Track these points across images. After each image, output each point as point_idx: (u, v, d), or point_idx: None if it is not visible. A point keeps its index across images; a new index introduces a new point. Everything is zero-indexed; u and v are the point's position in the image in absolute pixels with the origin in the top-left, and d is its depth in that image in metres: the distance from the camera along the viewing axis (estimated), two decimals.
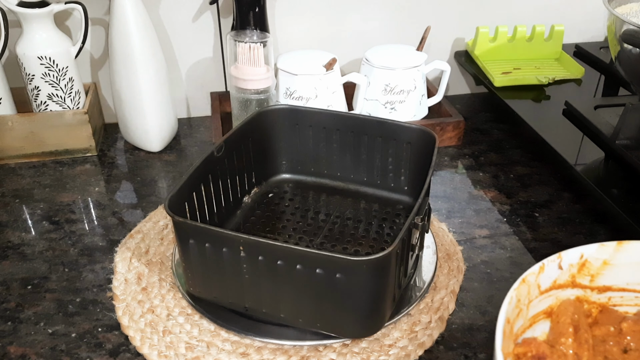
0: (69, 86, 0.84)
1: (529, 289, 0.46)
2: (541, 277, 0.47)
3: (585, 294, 0.50)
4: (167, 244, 0.69)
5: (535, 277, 0.46)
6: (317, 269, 0.49)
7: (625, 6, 0.82)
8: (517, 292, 0.44)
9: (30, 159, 0.85)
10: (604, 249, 0.49)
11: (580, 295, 0.50)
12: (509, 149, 0.89)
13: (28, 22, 0.78)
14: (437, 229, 0.71)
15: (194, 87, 0.97)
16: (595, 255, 0.49)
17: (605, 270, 0.49)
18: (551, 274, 0.47)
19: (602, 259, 0.49)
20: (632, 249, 0.48)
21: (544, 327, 0.49)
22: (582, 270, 0.49)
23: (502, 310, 0.42)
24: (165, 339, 0.56)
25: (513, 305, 0.44)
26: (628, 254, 0.49)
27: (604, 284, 0.50)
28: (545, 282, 0.47)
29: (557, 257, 0.47)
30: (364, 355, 0.55)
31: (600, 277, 0.50)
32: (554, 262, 0.47)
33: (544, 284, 0.47)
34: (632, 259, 0.49)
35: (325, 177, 0.76)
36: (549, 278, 0.47)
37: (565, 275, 0.48)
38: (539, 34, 0.98)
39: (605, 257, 0.49)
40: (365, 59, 0.88)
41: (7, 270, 0.66)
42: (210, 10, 0.91)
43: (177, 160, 0.87)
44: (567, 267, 0.48)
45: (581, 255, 0.48)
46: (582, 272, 0.49)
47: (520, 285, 0.45)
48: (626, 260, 0.49)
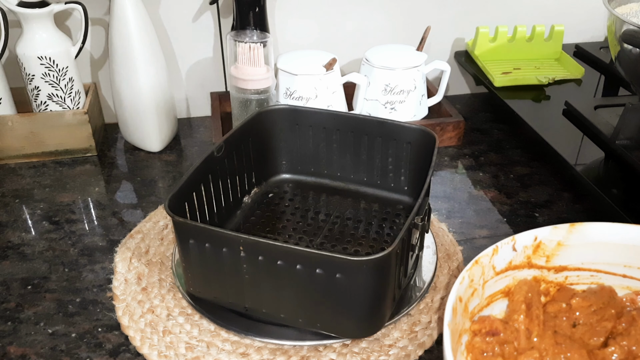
0: (69, 86, 0.84)
1: (482, 269, 0.47)
2: (495, 259, 0.48)
3: (542, 274, 0.52)
4: (167, 244, 0.69)
5: (489, 258, 0.48)
6: (317, 269, 0.50)
7: (625, 6, 0.82)
8: (470, 272, 0.46)
9: (30, 159, 0.85)
10: (557, 231, 0.50)
11: (538, 275, 0.52)
12: (509, 149, 0.89)
13: (28, 22, 0.78)
14: (437, 229, 0.71)
15: (194, 87, 0.97)
16: (549, 237, 0.50)
17: (560, 251, 0.51)
18: (505, 255, 0.49)
19: (556, 240, 0.51)
20: (585, 230, 0.50)
21: (502, 306, 0.51)
22: (537, 251, 0.51)
23: (453, 289, 0.44)
24: (165, 339, 0.56)
25: (465, 285, 0.45)
26: (581, 235, 0.50)
27: (560, 264, 0.52)
28: (500, 263, 0.49)
29: (510, 240, 0.49)
30: (364, 355, 0.55)
31: (556, 257, 0.51)
32: (507, 244, 0.49)
33: (499, 265, 0.49)
34: (585, 240, 0.50)
35: (325, 177, 0.76)
36: (504, 260, 0.49)
37: (521, 257, 0.50)
38: (539, 34, 0.98)
39: (558, 238, 0.51)
40: (365, 59, 0.88)
41: (7, 270, 0.66)
42: (210, 10, 0.91)
43: (177, 160, 0.87)
44: (522, 248, 0.50)
45: (535, 237, 0.50)
46: (537, 253, 0.51)
47: (473, 267, 0.47)
48: (580, 242, 0.50)
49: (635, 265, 0.51)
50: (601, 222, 0.51)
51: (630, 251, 0.50)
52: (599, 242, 0.51)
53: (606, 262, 0.51)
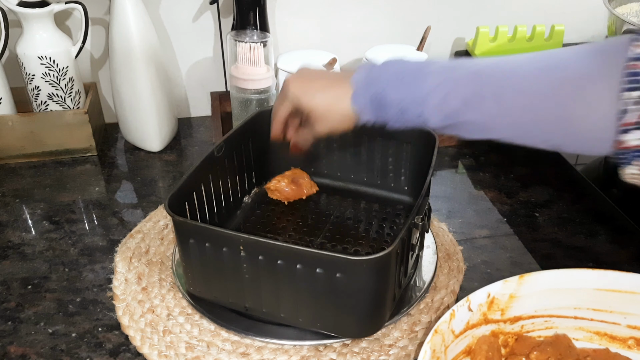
0: (69, 86, 0.84)
1: (443, 337, 0.48)
2: (454, 323, 0.49)
3: (499, 327, 0.53)
4: (167, 244, 0.69)
5: (448, 324, 0.49)
6: (317, 269, 0.50)
7: (625, 6, 0.82)
8: (431, 344, 0.47)
9: (30, 158, 0.85)
10: (508, 284, 0.52)
11: (495, 329, 0.53)
12: (509, 149, 0.89)
13: (28, 22, 0.78)
14: (437, 229, 0.71)
15: (194, 87, 0.97)
16: (501, 291, 0.52)
17: (513, 302, 0.53)
18: (463, 317, 0.50)
19: (508, 293, 0.52)
20: (533, 280, 0.52)
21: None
22: (491, 307, 0.52)
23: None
24: (165, 339, 0.56)
25: (428, 357, 0.46)
26: (530, 285, 0.52)
27: (515, 314, 0.53)
28: (458, 326, 0.50)
29: (465, 301, 0.50)
30: (364, 355, 0.55)
31: (510, 309, 0.53)
32: (462, 306, 0.50)
33: (458, 327, 0.50)
34: (534, 289, 0.52)
35: (325, 177, 0.76)
36: (462, 321, 0.50)
37: (477, 315, 0.51)
38: (539, 33, 0.98)
39: (510, 291, 0.52)
40: (365, 59, 0.88)
41: (8, 270, 0.66)
42: (210, 10, 0.91)
43: (177, 160, 0.87)
44: (477, 307, 0.51)
45: (488, 294, 0.52)
46: (492, 308, 0.52)
47: (434, 337, 0.47)
48: (530, 291, 0.52)
49: (584, 306, 0.53)
50: (548, 270, 0.53)
51: (578, 294, 0.53)
52: (548, 290, 0.53)
53: (557, 307, 0.54)
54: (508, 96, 0.46)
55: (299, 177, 0.72)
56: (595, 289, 0.53)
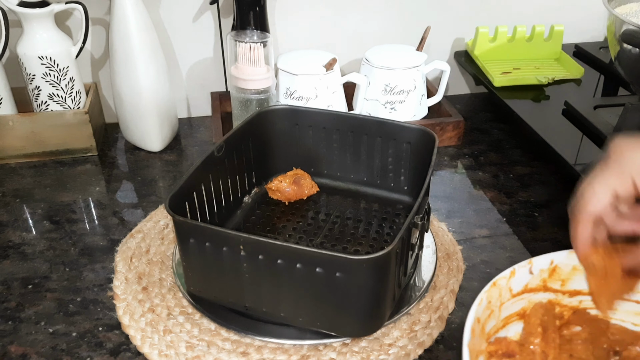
0: (69, 86, 0.84)
1: (500, 291, 0.48)
2: (512, 281, 0.49)
3: (557, 297, 0.52)
4: (167, 244, 0.69)
5: (507, 280, 0.48)
6: (317, 268, 0.50)
7: (625, 6, 0.82)
8: (488, 294, 0.46)
9: (30, 158, 0.85)
10: (573, 255, 0.51)
11: (553, 298, 0.52)
12: (508, 149, 0.89)
13: (28, 22, 0.78)
14: (437, 229, 0.71)
15: (194, 87, 0.98)
16: (564, 261, 0.51)
17: (575, 275, 0.52)
18: (522, 278, 0.50)
19: (572, 264, 0.51)
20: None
21: (517, 328, 0.51)
22: (552, 275, 0.51)
23: (471, 310, 0.44)
24: (165, 338, 0.56)
25: (483, 306, 0.46)
26: None
27: (575, 288, 0.52)
28: (516, 286, 0.49)
29: (527, 263, 0.50)
30: (364, 355, 0.55)
31: (571, 281, 0.52)
32: (524, 267, 0.50)
33: (516, 287, 0.49)
34: None
35: (325, 177, 0.76)
36: (520, 282, 0.50)
37: (537, 280, 0.51)
38: (538, 34, 0.99)
39: (574, 263, 0.51)
40: (365, 59, 0.89)
41: (8, 269, 0.66)
42: (210, 10, 0.91)
43: (177, 160, 0.87)
44: (538, 272, 0.50)
45: (551, 261, 0.51)
46: (553, 277, 0.51)
47: (491, 288, 0.47)
48: None
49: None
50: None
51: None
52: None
53: None
54: None
55: (300, 177, 0.73)
56: None
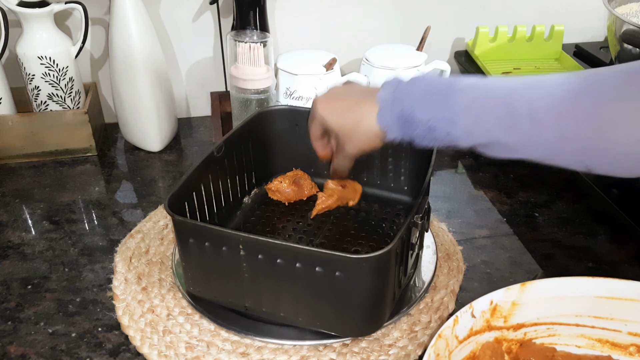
0: (69, 86, 0.84)
1: (447, 341, 0.49)
2: (457, 329, 0.50)
3: (503, 333, 0.53)
4: (167, 244, 0.69)
5: (451, 329, 0.49)
6: (316, 267, 0.50)
7: (625, 6, 0.82)
8: (435, 348, 0.47)
9: (30, 158, 0.85)
10: (510, 292, 0.52)
11: (498, 335, 0.53)
12: None
13: (28, 22, 0.78)
14: (437, 229, 0.71)
15: (194, 87, 0.98)
16: (503, 298, 0.52)
17: (516, 310, 0.53)
18: (466, 323, 0.51)
19: (510, 301, 0.53)
20: (535, 288, 0.53)
21: None
22: (494, 314, 0.52)
23: None
24: (165, 339, 0.56)
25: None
26: (532, 292, 0.53)
27: (517, 322, 0.54)
28: (462, 331, 0.50)
29: (468, 308, 0.51)
30: (363, 355, 0.55)
31: (513, 316, 0.53)
32: (466, 312, 0.50)
33: (461, 333, 0.50)
34: (537, 296, 0.53)
35: (325, 177, 0.75)
36: (465, 327, 0.51)
37: (480, 322, 0.52)
38: (539, 34, 0.98)
39: (512, 299, 0.53)
40: (365, 59, 0.89)
41: (8, 270, 0.66)
42: (210, 10, 0.91)
43: (177, 160, 0.87)
44: (480, 314, 0.51)
45: (491, 301, 0.52)
46: (495, 315, 0.52)
47: (437, 341, 0.48)
48: (532, 298, 0.53)
49: (585, 313, 0.54)
50: (549, 279, 0.53)
51: (579, 301, 0.53)
52: (550, 297, 0.53)
53: (559, 314, 0.54)
54: (542, 117, 0.45)
55: (300, 178, 0.72)
56: (596, 297, 0.53)
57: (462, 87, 0.50)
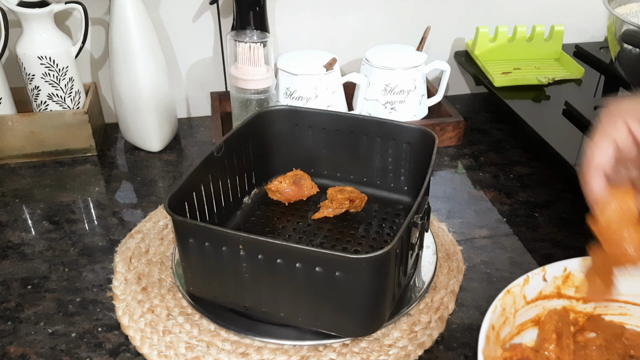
0: (69, 86, 0.84)
1: (514, 299, 0.49)
2: (526, 289, 0.49)
3: (572, 304, 0.53)
4: (167, 244, 0.69)
5: (521, 288, 0.49)
6: (316, 267, 0.50)
7: (625, 6, 0.82)
8: (502, 301, 0.47)
9: (30, 158, 0.85)
10: (586, 262, 0.51)
11: (567, 305, 0.53)
12: (509, 149, 0.89)
13: (28, 22, 0.78)
14: (437, 229, 0.71)
15: (194, 87, 0.98)
16: (578, 268, 0.52)
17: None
18: (536, 285, 0.50)
19: (585, 271, 0.52)
20: None
21: (532, 335, 0.51)
22: (566, 282, 0.52)
23: (486, 318, 0.45)
24: (165, 339, 0.56)
25: (498, 313, 0.46)
26: None
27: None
28: (530, 293, 0.50)
29: (541, 270, 0.50)
30: (363, 355, 0.55)
31: (585, 288, 0.52)
32: (538, 274, 0.50)
33: (530, 294, 0.50)
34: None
35: (325, 177, 0.76)
36: (534, 289, 0.50)
37: (551, 287, 0.51)
38: (539, 34, 0.98)
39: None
40: (365, 59, 0.89)
41: (7, 270, 0.66)
42: (210, 10, 0.91)
43: (177, 160, 0.87)
44: (552, 279, 0.51)
45: (564, 268, 0.51)
46: (567, 283, 0.52)
47: (505, 296, 0.48)
48: None
49: None
50: None
51: None
52: (627, 275, 0.51)
53: (633, 294, 0.52)
54: None
55: (300, 178, 0.72)
56: None
57: None
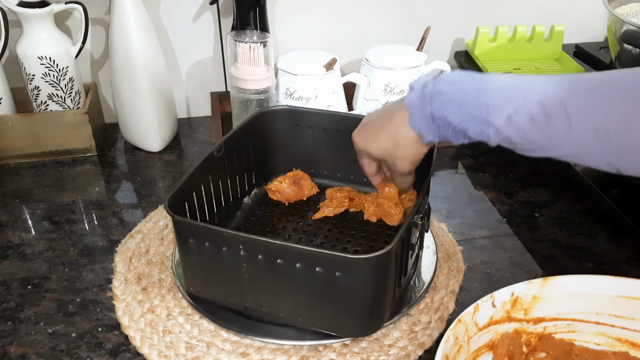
0: (69, 86, 0.84)
1: (466, 327, 0.50)
2: (477, 316, 0.51)
3: (522, 326, 0.54)
4: (167, 244, 0.69)
5: (471, 316, 0.50)
6: (316, 267, 0.50)
7: (625, 6, 0.82)
8: (454, 331, 0.48)
9: (30, 159, 0.85)
10: (532, 285, 0.53)
11: (518, 327, 0.54)
12: (508, 149, 0.89)
13: (28, 22, 0.78)
14: (437, 229, 0.71)
15: (194, 87, 0.98)
16: (524, 291, 0.53)
17: (536, 303, 0.53)
18: (486, 312, 0.51)
19: (532, 294, 0.53)
20: (557, 283, 0.53)
21: (487, 359, 0.52)
22: (515, 306, 0.53)
23: (439, 350, 0.45)
24: (165, 339, 0.56)
25: (451, 343, 0.47)
26: (554, 287, 0.53)
27: (538, 315, 0.54)
28: (482, 319, 0.51)
29: (489, 297, 0.51)
30: (363, 355, 0.55)
31: (533, 310, 0.54)
32: (487, 301, 0.51)
33: (481, 321, 0.51)
34: (558, 292, 0.53)
35: (325, 177, 0.76)
36: (485, 316, 0.51)
37: (501, 312, 0.52)
38: (539, 34, 0.98)
39: (533, 292, 0.53)
40: (365, 59, 0.88)
41: (7, 270, 0.66)
42: (210, 10, 0.91)
43: (177, 160, 0.87)
44: (501, 304, 0.52)
45: (512, 293, 0.52)
46: (516, 307, 0.53)
47: (457, 325, 0.49)
48: (554, 294, 0.53)
49: (605, 312, 0.54)
50: (572, 275, 0.54)
51: (600, 299, 0.53)
52: (571, 293, 0.53)
53: (579, 311, 0.54)
54: (578, 117, 0.44)
55: (300, 178, 0.72)
56: (617, 296, 0.53)
57: (494, 87, 0.49)
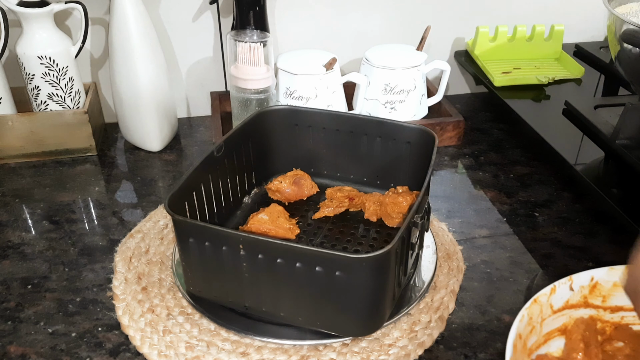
0: (69, 86, 0.84)
1: (541, 308, 0.48)
2: (553, 298, 0.49)
3: (599, 313, 0.52)
4: (167, 244, 0.69)
5: (547, 297, 0.49)
6: (316, 267, 0.50)
7: (625, 6, 0.82)
8: (529, 310, 0.47)
9: (30, 158, 0.85)
10: (614, 272, 0.51)
11: (594, 314, 0.52)
12: (509, 149, 0.89)
13: (28, 21, 0.78)
14: (437, 229, 0.71)
15: (194, 86, 0.98)
16: (605, 277, 0.51)
17: (616, 291, 0.52)
18: (563, 294, 0.50)
19: (612, 281, 0.51)
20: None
21: (559, 344, 0.51)
22: (593, 291, 0.52)
23: (513, 327, 0.45)
24: (165, 339, 0.56)
25: (525, 322, 0.46)
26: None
27: (616, 304, 0.52)
28: (557, 302, 0.50)
29: (568, 280, 0.50)
30: (363, 355, 0.55)
31: (612, 297, 0.52)
32: (565, 284, 0.50)
33: (557, 304, 0.50)
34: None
35: (325, 177, 0.76)
36: (561, 299, 0.50)
37: (578, 296, 0.51)
38: (539, 33, 0.98)
39: (615, 279, 0.51)
40: (365, 58, 0.89)
41: (7, 269, 0.66)
42: (210, 10, 0.91)
43: (177, 160, 0.87)
44: (579, 288, 0.51)
45: (591, 277, 0.51)
46: (594, 293, 0.52)
47: (532, 305, 0.48)
48: None
49: None
50: None
51: None
52: None
53: None
54: None
55: (300, 178, 0.72)
56: None
57: None
